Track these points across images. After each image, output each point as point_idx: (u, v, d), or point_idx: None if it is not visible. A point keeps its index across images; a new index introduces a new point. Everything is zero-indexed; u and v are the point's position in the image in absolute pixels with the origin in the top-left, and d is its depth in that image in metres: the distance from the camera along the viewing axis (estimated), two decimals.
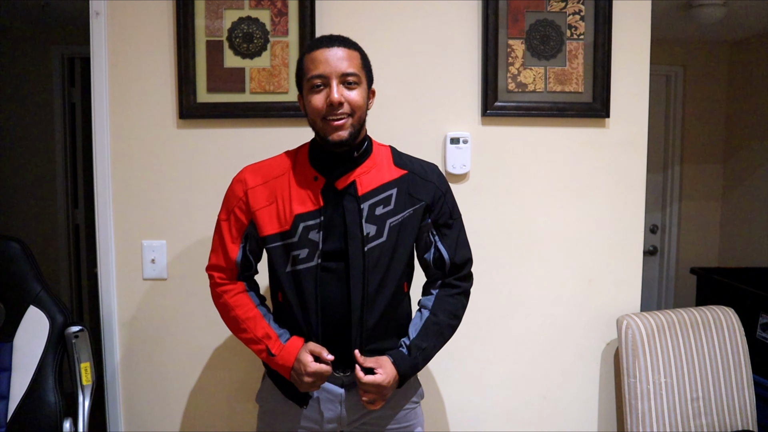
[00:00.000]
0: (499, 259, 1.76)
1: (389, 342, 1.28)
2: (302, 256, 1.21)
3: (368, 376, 1.19)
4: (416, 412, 1.39)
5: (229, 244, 1.28)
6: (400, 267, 1.26)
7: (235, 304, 1.28)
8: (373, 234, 1.21)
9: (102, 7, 1.64)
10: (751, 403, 1.79)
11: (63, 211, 3.08)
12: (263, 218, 1.24)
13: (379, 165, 1.26)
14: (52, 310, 1.53)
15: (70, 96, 3.07)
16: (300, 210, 1.22)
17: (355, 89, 1.18)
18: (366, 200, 1.22)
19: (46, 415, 1.47)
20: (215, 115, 1.67)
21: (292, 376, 1.21)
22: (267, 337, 1.24)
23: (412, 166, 1.29)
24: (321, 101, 1.17)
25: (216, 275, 1.32)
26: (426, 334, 1.27)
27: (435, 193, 1.29)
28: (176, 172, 1.69)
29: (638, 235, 1.79)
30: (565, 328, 1.79)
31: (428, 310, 1.30)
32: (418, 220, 1.27)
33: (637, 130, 1.76)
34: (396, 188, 1.25)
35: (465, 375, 1.78)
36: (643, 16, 1.74)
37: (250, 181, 1.26)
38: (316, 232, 1.21)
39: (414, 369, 1.26)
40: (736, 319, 1.83)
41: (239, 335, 1.29)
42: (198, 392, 1.74)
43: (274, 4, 1.65)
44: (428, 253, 1.32)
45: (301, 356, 1.20)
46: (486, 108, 1.70)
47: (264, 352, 1.24)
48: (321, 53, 1.17)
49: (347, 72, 1.17)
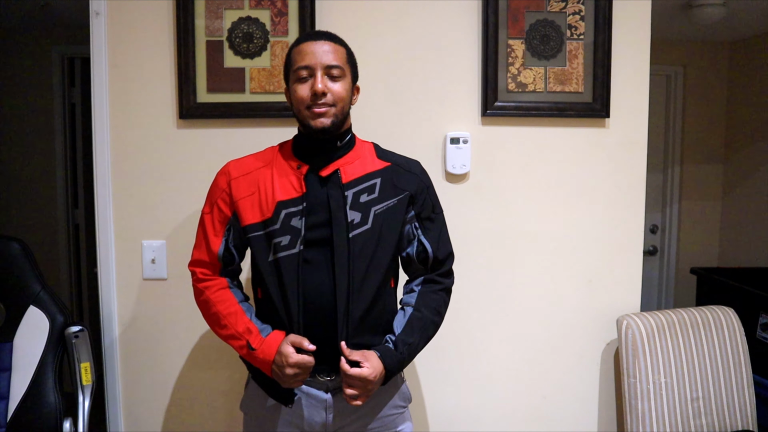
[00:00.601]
0: (499, 259, 1.76)
1: (375, 338, 1.25)
2: (284, 243, 1.20)
3: (354, 369, 1.16)
4: (404, 416, 1.36)
5: (212, 237, 1.27)
6: (385, 257, 1.25)
7: (217, 300, 1.26)
8: (358, 221, 1.22)
9: (102, 7, 1.64)
10: (751, 403, 1.79)
11: (63, 211, 3.08)
12: (245, 207, 1.24)
13: (363, 157, 1.29)
14: (52, 310, 1.53)
15: (70, 96, 3.07)
16: (282, 197, 1.22)
17: (339, 81, 1.21)
18: (350, 188, 1.23)
19: (46, 415, 1.47)
20: (215, 115, 1.67)
21: (274, 370, 1.18)
22: (248, 331, 1.21)
23: (395, 159, 1.32)
24: (306, 91, 1.20)
25: (198, 271, 1.30)
26: (411, 329, 1.26)
27: (419, 185, 1.31)
28: (176, 172, 1.69)
29: (638, 235, 1.79)
30: (565, 328, 1.79)
31: (411, 306, 1.29)
32: (402, 210, 1.28)
33: (637, 130, 1.76)
34: (380, 178, 1.27)
35: (465, 375, 1.78)
36: (643, 16, 1.74)
37: (233, 172, 1.28)
38: (298, 218, 1.20)
39: (400, 365, 1.25)
40: (736, 319, 1.83)
41: (220, 332, 1.26)
42: (198, 392, 1.74)
43: (274, 4, 1.65)
44: (411, 247, 1.31)
45: (282, 348, 1.17)
46: (486, 108, 1.70)
47: (244, 348, 1.21)
48: (308, 46, 1.21)
49: (332, 64, 1.20)
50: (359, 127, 1.70)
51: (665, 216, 3.28)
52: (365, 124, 1.70)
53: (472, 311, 1.76)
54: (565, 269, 1.77)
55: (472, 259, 1.74)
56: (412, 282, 1.35)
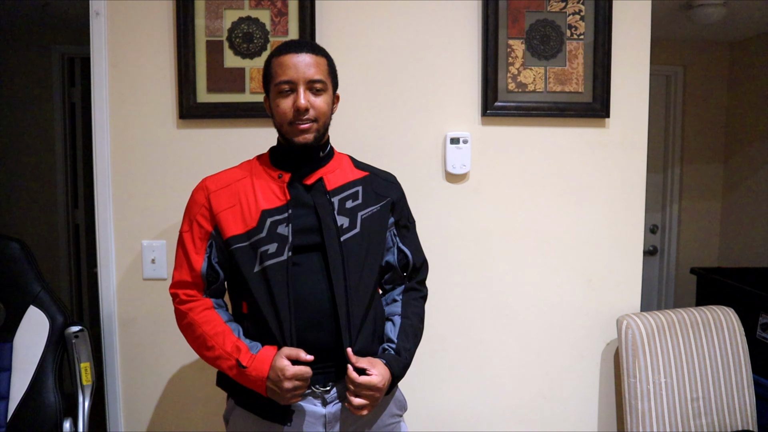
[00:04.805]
0: (499, 259, 1.76)
1: (374, 345, 1.24)
2: (271, 251, 1.17)
3: (363, 377, 1.13)
4: (400, 425, 1.34)
5: (193, 255, 1.22)
6: (376, 261, 1.26)
7: (202, 321, 1.20)
8: (347, 226, 1.22)
9: (102, 7, 1.64)
10: (751, 403, 1.79)
11: (63, 211, 3.08)
12: (227, 220, 1.21)
13: (342, 167, 1.30)
14: (52, 310, 1.53)
15: (70, 96, 3.07)
16: (266, 206, 1.20)
17: (321, 96, 1.21)
18: (335, 195, 1.24)
19: (46, 415, 1.47)
20: (215, 115, 1.66)
21: (269, 387, 1.11)
22: (237, 350, 1.14)
23: (371, 169, 1.35)
24: (288, 106, 1.19)
25: (181, 292, 1.24)
26: (406, 336, 1.26)
27: (397, 193, 1.34)
28: (176, 172, 1.69)
29: (638, 235, 1.79)
30: (565, 328, 1.79)
31: (399, 315, 1.29)
32: (386, 216, 1.30)
33: (637, 130, 1.76)
34: (361, 186, 1.29)
35: (465, 375, 1.78)
36: (643, 16, 1.74)
37: (211, 186, 1.25)
38: (284, 226, 1.19)
39: (404, 371, 1.24)
40: (736, 319, 1.83)
41: (206, 354, 1.19)
42: (198, 392, 1.74)
43: (274, 4, 1.65)
44: (391, 255, 1.32)
45: (276, 362, 1.11)
46: (486, 108, 1.70)
47: (234, 368, 1.14)
48: (289, 58, 1.19)
49: (314, 79, 1.19)
50: (360, 126, 1.70)
51: (665, 216, 3.28)
52: (365, 123, 1.71)
53: (472, 311, 1.76)
54: (565, 269, 1.77)
55: (472, 259, 1.75)
56: (393, 292, 1.35)
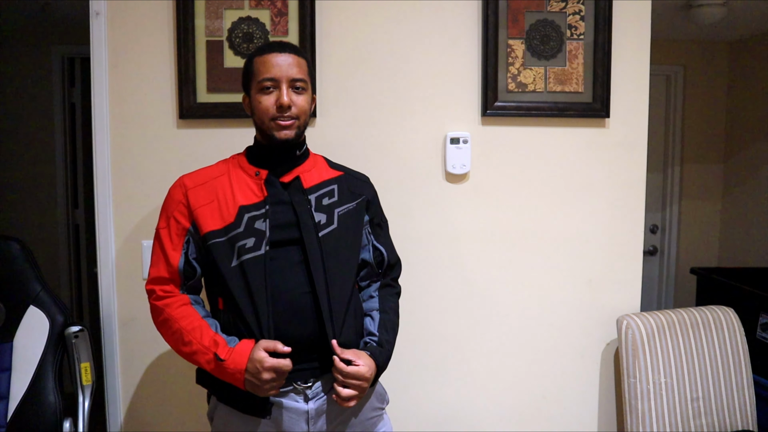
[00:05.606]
0: (499, 259, 1.76)
1: (357, 338, 1.26)
2: (248, 246, 1.18)
3: (351, 367, 1.14)
4: (383, 417, 1.35)
5: (170, 251, 1.23)
6: (353, 257, 1.28)
7: (179, 316, 1.20)
8: (324, 222, 1.25)
9: (102, 7, 1.64)
10: (751, 403, 1.79)
11: (63, 211, 3.08)
12: (204, 216, 1.22)
13: (318, 166, 1.33)
14: (52, 310, 1.53)
15: (70, 96, 3.07)
16: (244, 202, 1.22)
17: (303, 95, 1.25)
18: (311, 193, 1.27)
19: (46, 415, 1.47)
20: (215, 115, 1.66)
21: (247, 380, 1.12)
22: (215, 344, 1.15)
23: (345, 169, 1.39)
24: (270, 102, 1.22)
25: (158, 288, 1.24)
26: (386, 329, 1.28)
27: (371, 192, 1.38)
28: (176, 172, 1.67)
29: (638, 235, 1.79)
30: (565, 328, 1.79)
31: (377, 310, 1.31)
32: (362, 213, 1.33)
33: (637, 130, 1.76)
34: (337, 184, 1.32)
35: (464, 375, 1.78)
36: (643, 16, 1.74)
37: (189, 183, 1.27)
38: (262, 221, 1.20)
39: (387, 362, 1.26)
40: (736, 319, 1.83)
41: (183, 350, 1.19)
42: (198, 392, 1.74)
43: (274, 4, 1.65)
44: (366, 253, 1.34)
45: (254, 354, 1.11)
46: (486, 108, 1.70)
47: (212, 362, 1.14)
48: (273, 57, 1.22)
49: (297, 78, 1.23)
50: (359, 126, 1.70)
51: (665, 216, 3.28)
52: (365, 123, 1.71)
53: (472, 311, 1.76)
54: (565, 269, 1.77)
55: (472, 259, 1.75)
56: (369, 289, 1.36)
